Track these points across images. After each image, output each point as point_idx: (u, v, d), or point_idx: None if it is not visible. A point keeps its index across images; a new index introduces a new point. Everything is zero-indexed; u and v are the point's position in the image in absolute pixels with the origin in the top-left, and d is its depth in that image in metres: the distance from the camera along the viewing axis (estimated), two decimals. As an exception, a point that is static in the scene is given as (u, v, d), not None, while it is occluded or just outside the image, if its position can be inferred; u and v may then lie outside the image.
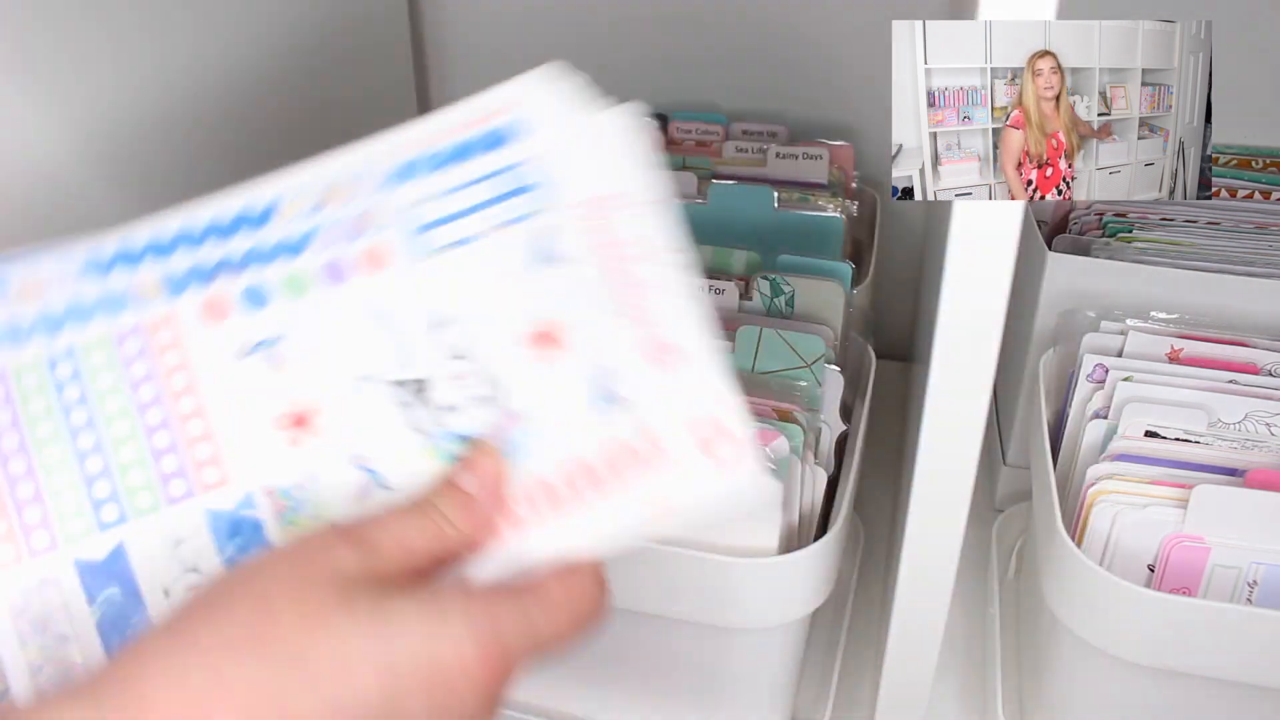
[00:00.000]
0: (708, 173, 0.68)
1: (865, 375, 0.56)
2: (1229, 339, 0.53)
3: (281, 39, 0.67)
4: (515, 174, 0.34)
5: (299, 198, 0.34)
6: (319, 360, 0.34)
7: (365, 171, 0.35)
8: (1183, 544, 0.44)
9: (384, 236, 0.34)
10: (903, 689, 0.47)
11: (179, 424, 0.33)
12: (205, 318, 0.34)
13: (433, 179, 0.34)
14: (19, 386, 0.34)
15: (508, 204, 0.34)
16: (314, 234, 0.34)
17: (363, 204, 0.34)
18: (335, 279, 0.34)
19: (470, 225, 0.34)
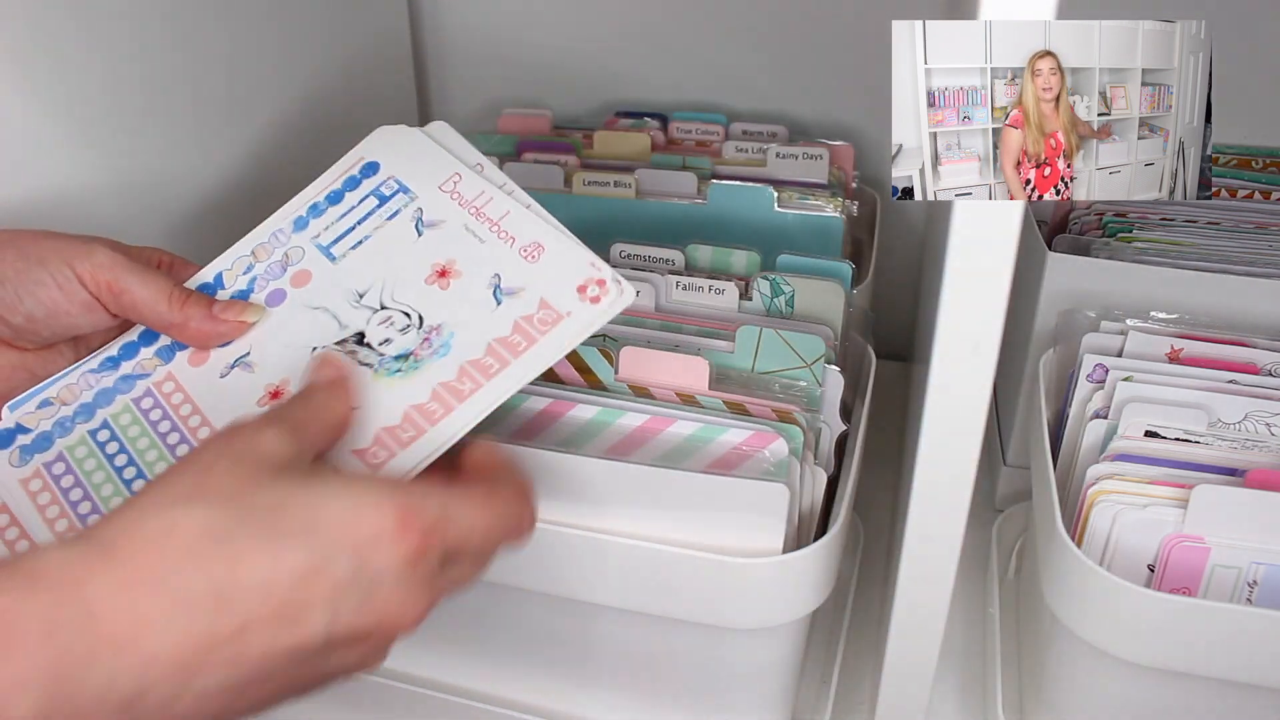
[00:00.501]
0: (708, 173, 0.68)
1: (865, 375, 0.56)
2: (1229, 339, 0.53)
3: (282, 40, 0.68)
4: (379, 191, 0.48)
5: (237, 263, 0.47)
6: (280, 354, 0.44)
7: (279, 227, 0.48)
8: (1183, 544, 0.44)
9: (304, 262, 0.46)
10: (903, 689, 0.47)
11: (189, 431, 0.43)
12: (192, 363, 0.45)
13: (325, 215, 0.48)
14: (74, 457, 0.43)
15: (384, 207, 0.47)
16: (254, 281, 0.46)
17: (284, 248, 0.47)
18: (276, 302, 0.46)
19: (363, 229, 0.47)
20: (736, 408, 0.48)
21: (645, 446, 0.46)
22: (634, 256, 0.59)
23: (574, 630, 0.51)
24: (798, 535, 0.47)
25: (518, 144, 0.74)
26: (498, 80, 0.88)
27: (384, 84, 0.83)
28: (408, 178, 0.48)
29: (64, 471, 0.43)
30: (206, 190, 0.62)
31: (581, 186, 0.67)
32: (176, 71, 0.58)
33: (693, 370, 0.49)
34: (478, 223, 0.46)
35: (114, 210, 0.55)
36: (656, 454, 0.46)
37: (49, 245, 0.41)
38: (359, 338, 0.43)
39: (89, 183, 0.53)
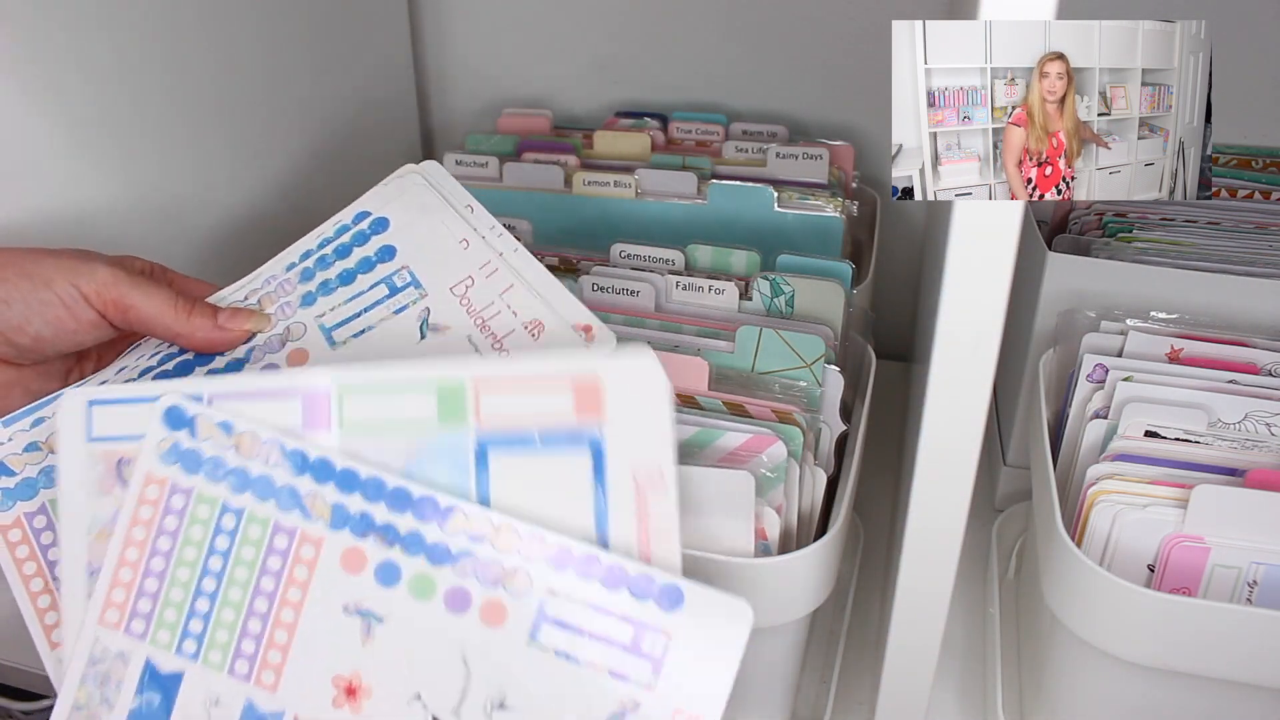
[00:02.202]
0: (708, 173, 0.68)
1: (865, 375, 0.56)
2: (1229, 339, 0.53)
3: (281, 43, 0.68)
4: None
5: (476, 520, 0.39)
6: (398, 657, 0.38)
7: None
8: (1183, 544, 0.44)
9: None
10: (903, 689, 0.47)
11: (272, 625, 0.39)
12: (342, 562, 0.39)
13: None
14: (193, 509, 0.40)
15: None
16: (464, 557, 0.38)
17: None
18: (455, 608, 0.38)
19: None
20: (736, 408, 0.48)
21: None
22: (634, 256, 0.59)
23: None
24: (798, 535, 0.47)
25: (518, 144, 0.74)
26: (498, 80, 0.88)
27: (384, 85, 0.83)
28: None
29: (179, 509, 0.40)
30: (208, 196, 0.62)
31: (581, 186, 0.67)
32: (172, 85, 0.58)
33: (693, 371, 0.49)
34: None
35: (114, 227, 0.55)
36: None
37: (52, 265, 0.42)
38: None
39: (89, 200, 0.53)
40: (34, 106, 0.49)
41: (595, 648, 0.37)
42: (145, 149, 0.56)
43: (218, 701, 0.39)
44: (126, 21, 0.54)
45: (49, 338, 0.42)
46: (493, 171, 0.70)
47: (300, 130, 0.71)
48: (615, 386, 0.38)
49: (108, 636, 0.40)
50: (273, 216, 0.68)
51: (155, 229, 0.58)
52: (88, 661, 0.40)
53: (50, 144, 0.50)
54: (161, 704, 0.39)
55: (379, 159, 0.82)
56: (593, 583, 0.38)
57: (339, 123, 0.75)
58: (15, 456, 0.43)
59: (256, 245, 0.49)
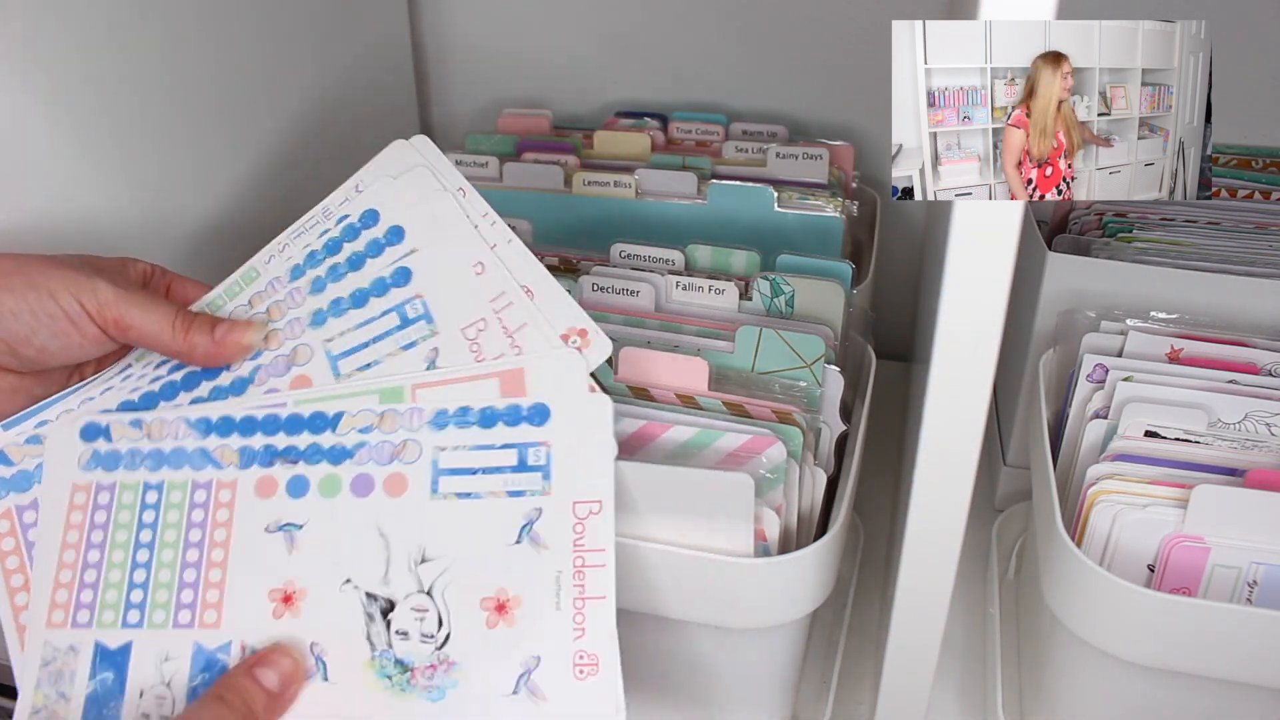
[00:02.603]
0: (708, 173, 0.68)
1: (865, 375, 0.56)
2: (1229, 339, 0.53)
3: (283, 44, 0.68)
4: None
5: (361, 415, 0.43)
6: (322, 554, 0.41)
7: (416, 409, 0.43)
8: (1183, 544, 0.44)
9: (411, 468, 0.42)
10: (903, 689, 0.47)
11: (206, 568, 0.42)
12: (256, 491, 0.42)
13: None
14: (119, 499, 0.43)
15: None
16: (359, 448, 0.42)
17: (404, 436, 0.42)
18: (361, 492, 0.42)
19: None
20: (736, 408, 0.48)
21: (642, 451, 0.46)
22: (634, 256, 0.59)
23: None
24: (798, 535, 0.47)
25: (518, 144, 0.74)
26: (498, 80, 0.88)
27: (385, 85, 0.83)
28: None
29: (107, 502, 0.43)
30: (208, 197, 0.62)
31: (581, 186, 0.67)
32: (172, 87, 0.58)
33: (692, 371, 0.49)
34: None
35: (114, 226, 0.55)
36: (654, 459, 0.46)
37: (58, 277, 0.42)
38: (388, 605, 0.41)
39: (90, 199, 0.53)
40: (34, 106, 0.49)
41: (490, 479, 0.42)
42: (145, 149, 0.56)
43: (167, 656, 0.41)
44: (126, 22, 0.54)
45: (54, 351, 0.42)
46: (493, 171, 0.70)
47: (300, 130, 0.71)
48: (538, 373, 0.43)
49: (55, 636, 0.41)
50: (273, 217, 0.68)
51: (155, 228, 0.58)
52: (40, 664, 0.41)
53: (50, 143, 0.50)
54: (115, 679, 0.41)
55: (379, 159, 0.82)
56: (471, 428, 0.42)
57: (339, 122, 0.75)
58: (15, 447, 0.43)
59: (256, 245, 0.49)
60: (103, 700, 0.40)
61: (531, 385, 0.42)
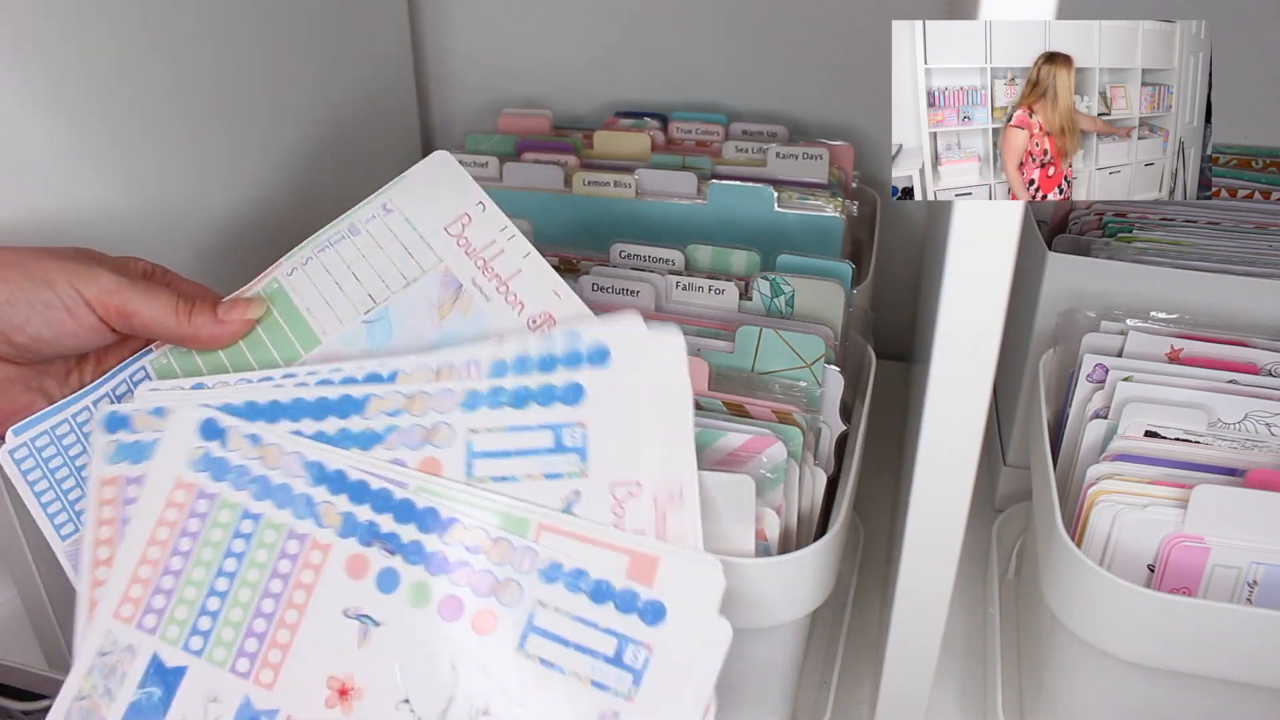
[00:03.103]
0: (708, 173, 0.68)
1: (865, 375, 0.56)
2: (1229, 339, 0.53)
3: (281, 44, 0.68)
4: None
5: (473, 532, 0.40)
6: (391, 661, 0.40)
7: (530, 548, 0.40)
8: (1183, 544, 0.44)
9: (504, 611, 0.39)
10: (903, 689, 0.47)
11: (276, 625, 0.41)
12: (347, 568, 0.41)
13: (573, 601, 0.39)
14: (215, 514, 0.42)
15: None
16: (459, 567, 0.40)
17: (509, 574, 0.40)
18: (448, 616, 0.40)
19: (566, 656, 0.39)
20: (736, 408, 0.48)
21: None
22: (634, 256, 0.59)
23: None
24: (798, 535, 0.47)
25: (518, 144, 0.74)
26: (498, 80, 0.88)
27: (385, 85, 0.83)
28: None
29: (203, 512, 0.42)
30: (208, 197, 0.62)
31: (581, 186, 0.67)
32: (172, 87, 0.58)
33: (693, 371, 0.49)
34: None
35: (114, 227, 0.55)
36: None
37: (56, 267, 0.42)
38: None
39: (90, 200, 0.53)
40: (34, 106, 0.49)
41: (580, 658, 0.39)
42: (146, 151, 0.56)
43: (216, 698, 0.40)
44: (127, 22, 0.54)
45: (49, 339, 0.42)
46: (493, 171, 0.70)
47: (300, 130, 0.71)
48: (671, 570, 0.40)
49: (119, 630, 0.41)
50: (273, 217, 0.68)
51: (155, 229, 0.58)
52: (97, 652, 0.41)
53: (50, 144, 0.50)
54: (162, 697, 0.40)
55: (379, 159, 0.82)
56: (580, 595, 0.39)
57: (339, 122, 0.75)
58: (142, 416, 0.43)
59: (256, 246, 0.49)
60: (144, 712, 0.40)
61: (661, 581, 0.39)
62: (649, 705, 0.38)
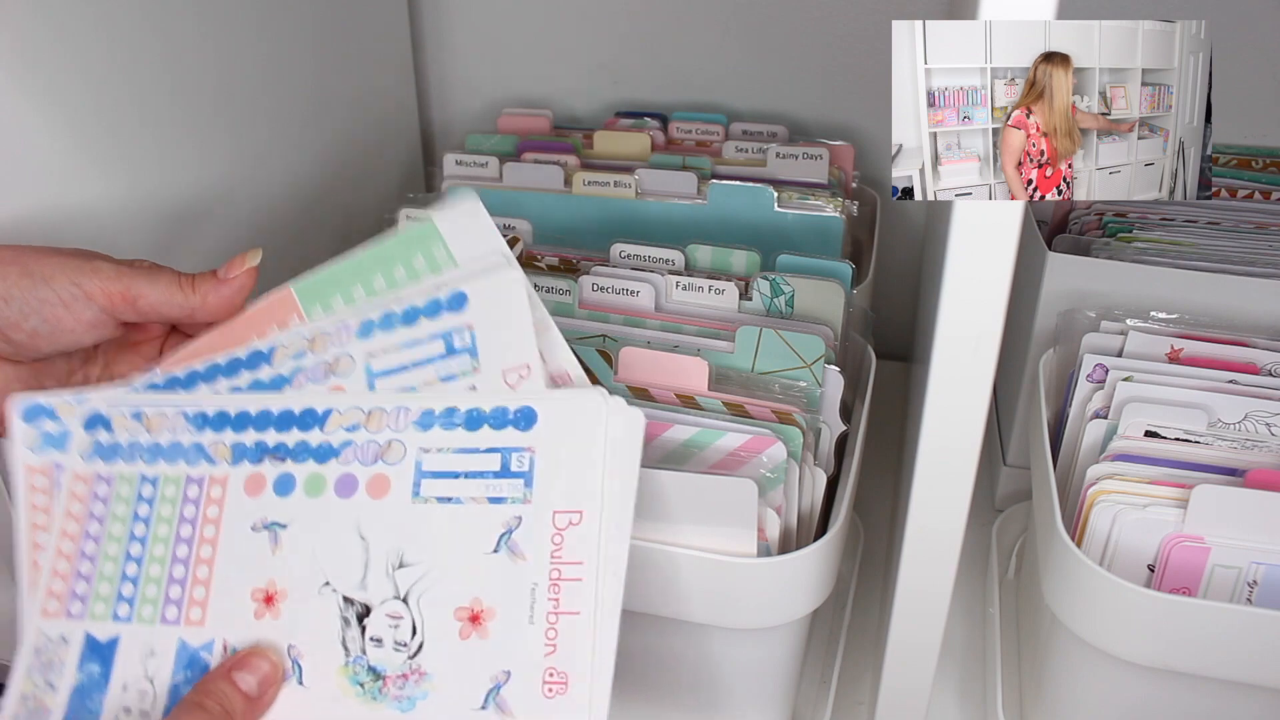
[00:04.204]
0: (708, 173, 0.68)
1: (865, 375, 0.56)
2: (1229, 339, 0.53)
3: (281, 42, 0.68)
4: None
5: (349, 414, 0.42)
6: (304, 554, 0.41)
7: (403, 408, 0.41)
8: (1183, 544, 0.44)
9: (394, 470, 0.41)
10: (903, 689, 0.47)
11: (194, 565, 0.41)
12: (245, 488, 0.42)
13: (450, 437, 0.41)
14: (116, 491, 0.43)
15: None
16: (345, 447, 0.41)
17: (389, 436, 0.41)
18: (344, 492, 0.41)
19: (460, 488, 0.40)
20: (736, 408, 0.48)
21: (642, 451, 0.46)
22: (634, 256, 0.59)
23: (574, 630, 0.51)
24: (798, 535, 0.47)
25: (518, 144, 0.74)
26: (498, 80, 0.88)
27: (385, 85, 0.83)
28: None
29: (105, 495, 0.43)
30: (209, 196, 0.62)
31: (581, 186, 0.67)
32: (172, 86, 0.58)
33: (692, 371, 0.49)
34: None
35: (115, 228, 0.55)
36: (654, 459, 0.46)
37: (54, 262, 0.42)
38: (364, 610, 0.40)
39: (90, 201, 0.53)
40: (34, 105, 0.49)
41: (471, 485, 0.40)
42: (145, 149, 0.56)
43: (153, 652, 0.41)
44: (128, 23, 0.54)
45: (45, 334, 0.42)
46: (493, 171, 0.70)
47: (301, 130, 0.71)
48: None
49: (48, 625, 0.42)
50: (273, 216, 0.68)
51: (156, 230, 0.58)
52: (32, 653, 0.41)
53: (51, 144, 0.50)
54: (101, 671, 0.41)
55: (379, 159, 0.82)
56: (456, 430, 0.41)
57: (339, 122, 0.75)
58: (65, 404, 0.43)
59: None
60: (87, 691, 0.41)
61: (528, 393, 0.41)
62: (545, 498, 0.39)
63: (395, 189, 0.84)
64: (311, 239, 0.73)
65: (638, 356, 0.49)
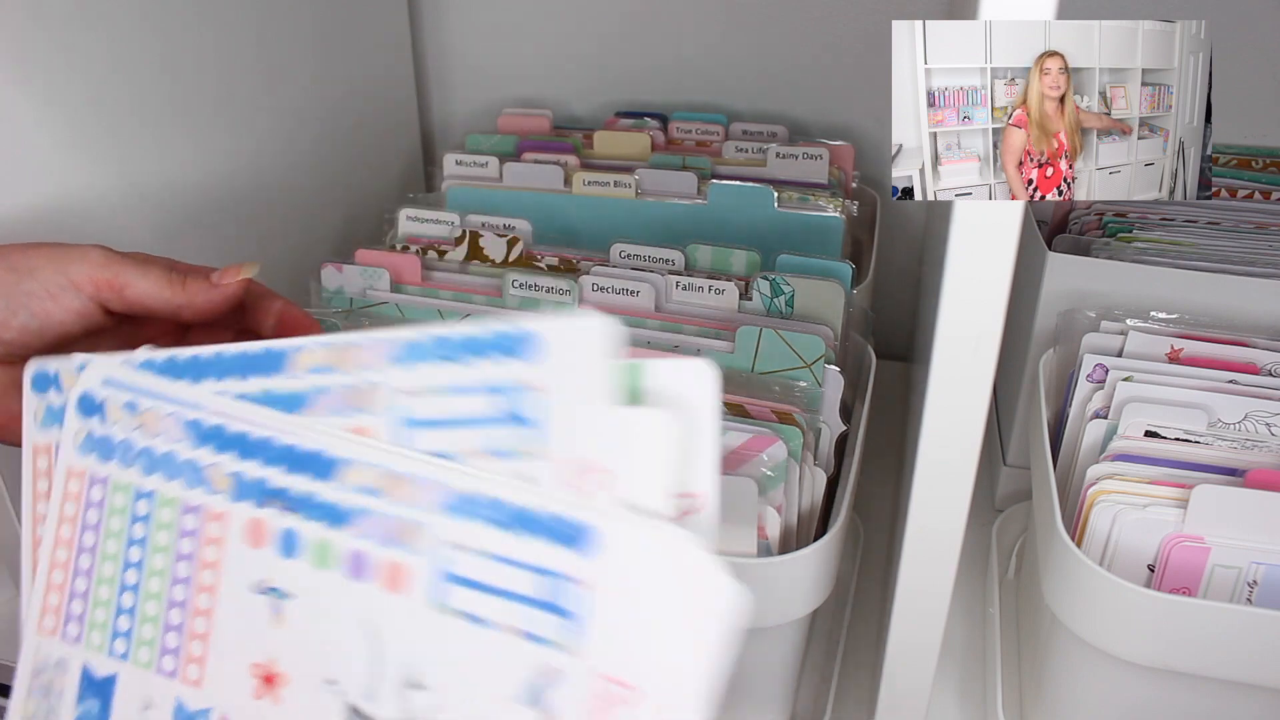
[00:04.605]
0: (708, 173, 0.68)
1: (865, 375, 0.56)
2: (1229, 339, 0.53)
3: (282, 42, 0.68)
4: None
5: (360, 467, 0.34)
6: (308, 638, 0.35)
7: (427, 477, 0.33)
8: (1183, 544, 0.44)
9: (413, 560, 0.33)
10: (902, 689, 0.47)
11: (191, 614, 0.37)
12: (246, 536, 0.36)
13: (486, 536, 0.32)
14: (110, 499, 0.38)
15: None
16: (358, 515, 0.34)
17: (413, 515, 0.33)
18: (355, 573, 0.34)
19: (496, 609, 0.32)
20: (736, 409, 0.48)
21: None
22: (634, 256, 0.59)
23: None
24: (798, 535, 0.47)
25: (518, 144, 0.74)
26: (498, 80, 0.88)
27: (385, 85, 0.83)
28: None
29: (98, 500, 0.38)
30: (208, 196, 0.62)
31: (581, 186, 0.67)
32: (171, 85, 0.58)
33: (692, 370, 0.49)
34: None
35: (112, 223, 0.55)
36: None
37: (39, 255, 0.41)
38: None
39: (87, 195, 0.53)
40: (33, 104, 0.49)
41: (506, 606, 0.31)
42: (146, 152, 0.56)
43: (149, 704, 0.37)
44: (127, 23, 0.54)
45: (35, 330, 0.41)
46: (493, 171, 0.70)
47: (300, 129, 0.71)
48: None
49: (47, 644, 0.39)
50: (272, 216, 0.68)
51: (155, 230, 0.58)
52: (32, 672, 0.38)
53: (50, 142, 0.51)
54: (100, 711, 0.38)
55: (379, 158, 0.82)
56: (498, 529, 0.32)
57: (339, 122, 0.75)
58: (70, 373, 0.39)
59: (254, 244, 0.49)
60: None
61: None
62: (600, 655, 0.30)
63: (395, 189, 0.84)
64: (311, 239, 0.73)
65: (637, 357, 0.49)
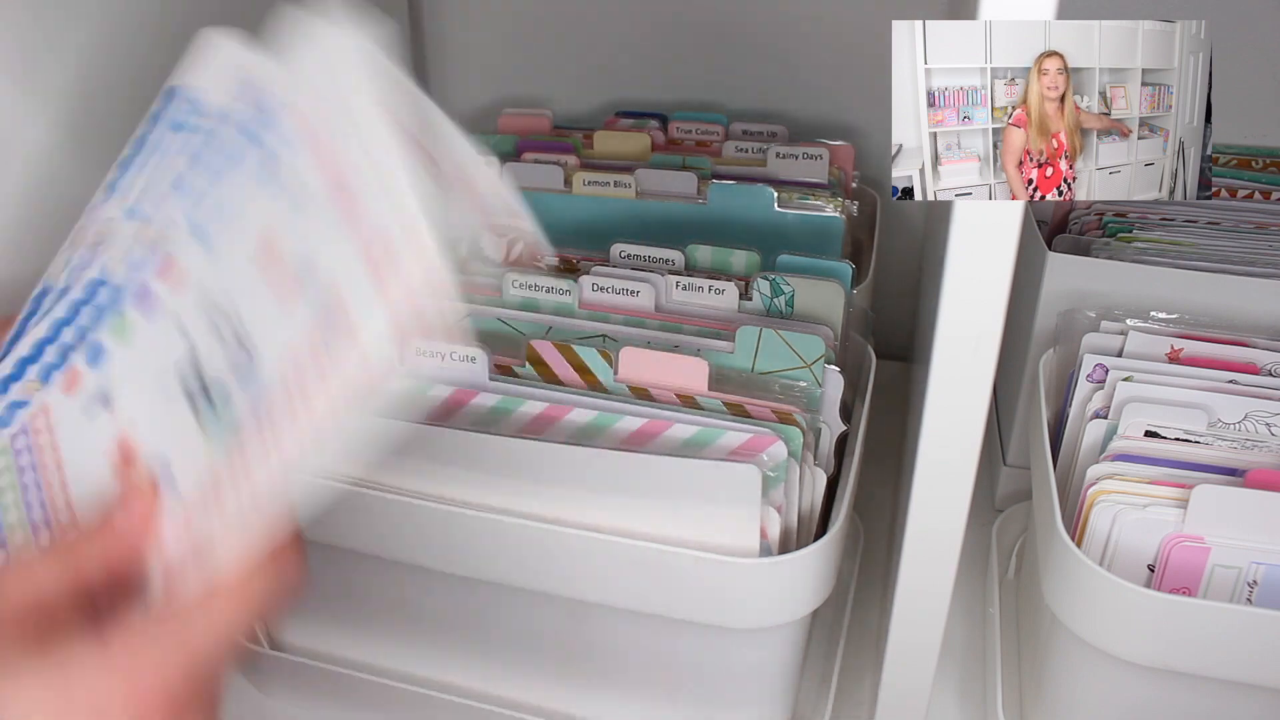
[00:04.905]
0: (708, 173, 0.68)
1: (865, 375, 0.56)
2: (1229, 339, 0.53)
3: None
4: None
5: (111, 261, 0.36)
6: (135, 382, 0.36)
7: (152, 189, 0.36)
8: (1183, 544, 0.44)
9: (172, 240, 0.35)
10: (903, 689, 0.47)
11: (51, 500, 0.37)
12: (66, 391, 0.37)
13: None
14: None
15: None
16: (129, 281, 0.36)
17: (156, 230, 0.36)
18: (146, 303, 0.35)
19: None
20: (736, 409, 0.48)
21: (643, 450, 0.46)
22: (634, 256, 0.59)
23: (574, 630, 0.51)
24: (798, 535, 0.47)
25: (518, 144, 0.74)
26: (498, 80, 0.88)
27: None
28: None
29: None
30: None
31: (581, 186, 0.67)
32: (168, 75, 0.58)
33: (692, 371, 0.49)
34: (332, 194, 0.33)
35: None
36: (656, 455, 0.46)
37: None
38: (191, 354, 0.34)
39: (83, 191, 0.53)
40: (33, 103, 0.49)
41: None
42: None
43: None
44: (127, 23, 0.54)
45: None
46: (493, 171, 0.70)
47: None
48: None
49: None
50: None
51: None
52: None
53: (49, 141, 0.50)
54: None
55: (379, 159, 0.82)
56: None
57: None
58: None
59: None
60: None
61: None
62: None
63: (395, 189, 0.84)
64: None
65: (638, 356, 0.49)
